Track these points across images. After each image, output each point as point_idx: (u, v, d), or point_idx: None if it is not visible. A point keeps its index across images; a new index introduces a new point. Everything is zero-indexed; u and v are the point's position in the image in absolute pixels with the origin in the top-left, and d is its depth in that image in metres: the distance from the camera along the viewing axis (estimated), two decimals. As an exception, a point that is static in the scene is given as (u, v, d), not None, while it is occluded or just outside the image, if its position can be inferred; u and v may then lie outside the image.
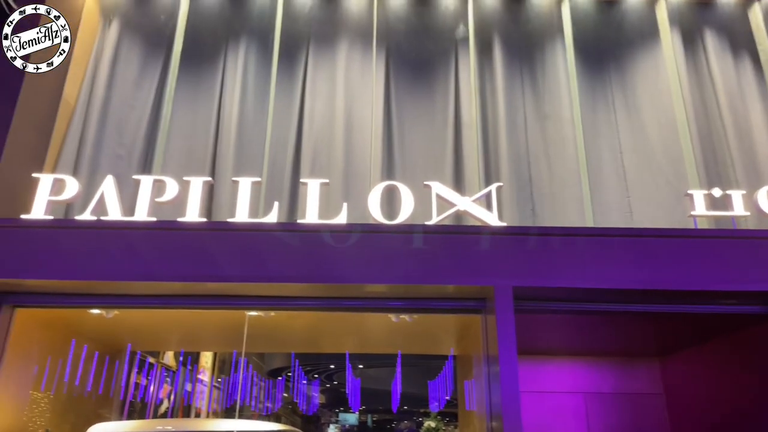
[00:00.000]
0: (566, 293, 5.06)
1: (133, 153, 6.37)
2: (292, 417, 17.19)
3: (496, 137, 6.52)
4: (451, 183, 6.18)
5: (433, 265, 4.90)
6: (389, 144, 6.50)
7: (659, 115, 6.61)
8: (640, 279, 4.86)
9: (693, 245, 4.99)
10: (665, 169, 6.35)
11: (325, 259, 4.89)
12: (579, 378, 7.54)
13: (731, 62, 6.85)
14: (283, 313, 5.57)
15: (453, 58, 6.95)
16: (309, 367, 14.01)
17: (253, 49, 6.89)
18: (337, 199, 5.81)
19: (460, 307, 5.31)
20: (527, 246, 5.01)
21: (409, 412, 18.50)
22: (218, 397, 10.97)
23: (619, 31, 7.10)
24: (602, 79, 6.93)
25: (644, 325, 6.26)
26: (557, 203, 6.27)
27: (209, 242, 4.94)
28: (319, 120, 6.52)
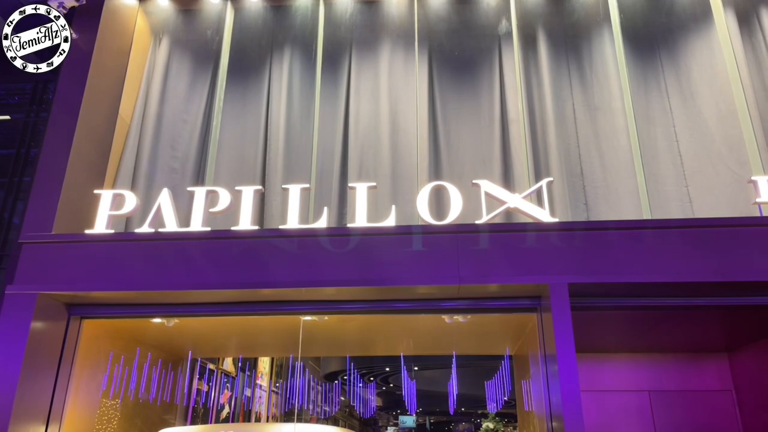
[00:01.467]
0: (624, 289, 4.90)
1: (186, 165, 6.57)
2: (349, 420, 17.31)
3: (545, 132, 6.39)
4: (499, 180, 6.09)
5: (485, 264, 4.84)
6: (435, 144, 6.47)
7: (716, 99, 6.32)
8: (702, 271, 4.66)
9: (759, 234, 4.75)
10: (725, 155, 6.07)
11: (376, 262, 4.91)
12: (642, 375, 7.28)
13: (792, 40, 6.49)
14: (336, 316, 5.61)
15: (496, 55, 6.86)
16: (364, 371, 14.07)
17: (297, 58, 7.00)
18: (386, 202, 5.82)
19: (515, 306, 5.23)
20: (581, 241, 4.88)
21: (466, 413, 18.34)
22: (277, 401, 11.16)
23: (669, 15, 6.84)
24: (654, 66, 6.69)
25: (710, 318, 6.00)
26: (611, 196, 6.09)
27: (262, 249, 5.04)
28: (365, 123, 6.56)
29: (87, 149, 5.88)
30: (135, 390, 6.34)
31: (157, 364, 6.87)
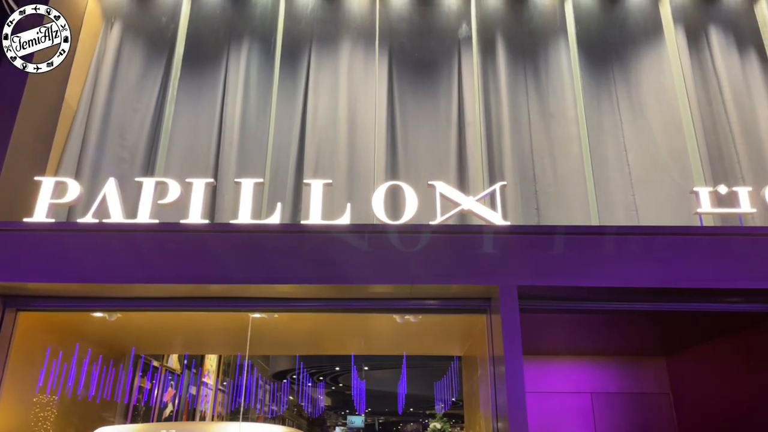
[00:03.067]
0: (571, 292, 5.02)
1: (135, 155, 6.36)
2: (297, 420, 17.16)
3: (500, 136, 6.48)
4: (455, 182, 6.15)
5: (438, 265, 4.87)
6: (393, 144, 6.48)
7: (664, 112, 6.56)
8: (646, 277, 4.82)
9: (699, 243, 4.94)
10: (670, 166, 6.30)
11: (329, 260, 4.86)
12: (585, 378, 7.49)
13: (737, 58, 6.80)
14: (287, 314, 5.54)
15: (456, 58, 6.92)
16: (314, 370, 13.98)
17: (255, 50, 6.88)
18: (341, 200, 5.78)
19: (465, 307, 5.28)
20: (532, 245, 4.97)
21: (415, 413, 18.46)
22: (223, 400, 10.95)
23: (622, 28, 7.06)
24: (606, 78, 6.88)
25: (651, 323, 6.21)
26: (562, 202, 6.23)
27: (212, 244, 4.92)
28: (322, 120, 6.51)
29: (29, 135, 5.61)
30: (73, 387, 6.10)
31: (98, 360, 6.62)
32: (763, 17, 6.95)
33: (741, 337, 6.04)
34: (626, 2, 7.14)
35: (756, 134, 6.43)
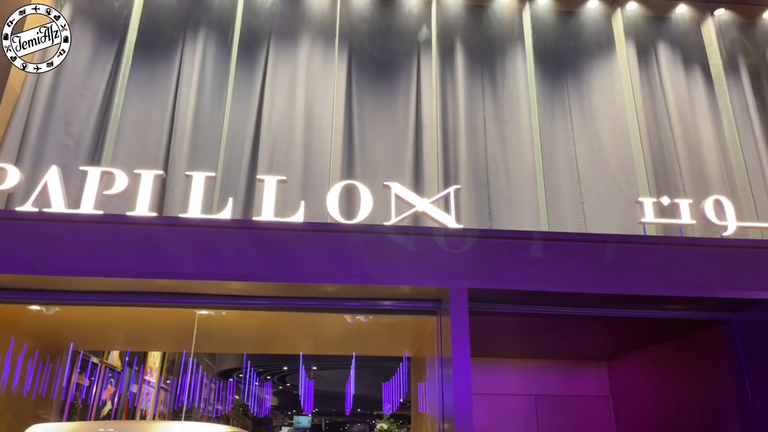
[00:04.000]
0: (521, 296, 5.11)
1: (81, 143, 6.12)
2: (243, 419, 16.87)
3: (456, 140, 6.55)
4: (410, 184, 6.17)
5: (391, 265, 4.87)
6: (350, 143, 6.45)
7: (613, 124, 6.77)
8: (592, 283, 4.95)
9: (642, 251, 5.12)
10: (617, 177, 6.51)
11: (282, 258, 4.80)
12: (531, 380, 7.64)
13: (683, 75, 7.09)
14: (236, 312, 5.43)
15: (415, 60, 6.96)
16: (261, 369, 13.78)
17: (212, 42, 6.73)
18: (295, 198, 5.72)
19: (416, 308, 5.30)
20: (483, 248, 5.04)
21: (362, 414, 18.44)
22: (165, 399, 10.65)
23: (577, 40, 7.25)
24: (560, 88, 7.06)
25: (594, 328, 6.39)
26: (514, 207, 6.34)
27: (160, 238, 4.77)
28: (279, 117, 6.42)
29: (-34, 116, 5.33)
30: (8, 382, 5.81)
31: (34, 356, 6.33)
32: (710, 37, 7.27)
33: (678, 343, 6.29)
34: (581, 15, 7.34)
35: (698, 150, 6.72)
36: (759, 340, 5.09)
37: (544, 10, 7.31)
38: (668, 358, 6.49)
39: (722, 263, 5.12)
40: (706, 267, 5.09)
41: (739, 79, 7.17)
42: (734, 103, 7.02)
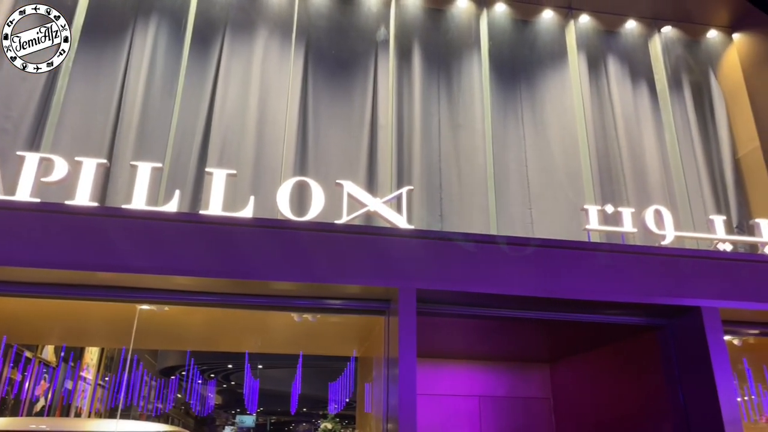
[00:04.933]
0: (468, 298, 5.17)
1: (20, 127, 5.83)
2: (184, 418, 16.44)
3: (411, 142, 6.58)
4: (363, 183, 6.16)
5: (341, 264, 4.84)
6: (303, 139, 6.39)
7: (563, 133, 6.95)
8: (537, 287, 5.06)
9: (586, 257, 5.27)
10: (565, 184, 6.69)
11: (230, 253, 4.70)
12: (475, 381, 7.74)
13: (630, 88, 7.34)
14: (179, 308, 5.28)
15: (373, 60, 6.95)
16: (205, 367, 13.45)
17: (164, 29, 6.54)
18: (245, 192, 5.62)
19: (365, 308, 5.28)
20: (433, 250, 5.07)
21: (308, 414, 18.27)
22: (102, 396, 10.28)
23: (532, 49, 7.41)
24: (514, 95, 7.19)
25: (538, 331, 6.53)
26: (464, 210, 6.42)
27: (101, 229, 4.59)
28: (231, 109, 6.30)
29: None
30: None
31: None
32: (656, 53, 7.55)
33: (617, 347, 6.50)
34: (537, 25, 7.51)
35: (641, 161, 6.97)
36: (690, 346, 5.31)
37: (501, 17, 7.43)
38: (607, 361, 6.70)
39: (660, 271, 5.32)
40: (644, 274, 5.28)
41: (682, 95, 7.48)
42: (676, 117, 7.32)
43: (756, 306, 5.32)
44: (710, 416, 4.97)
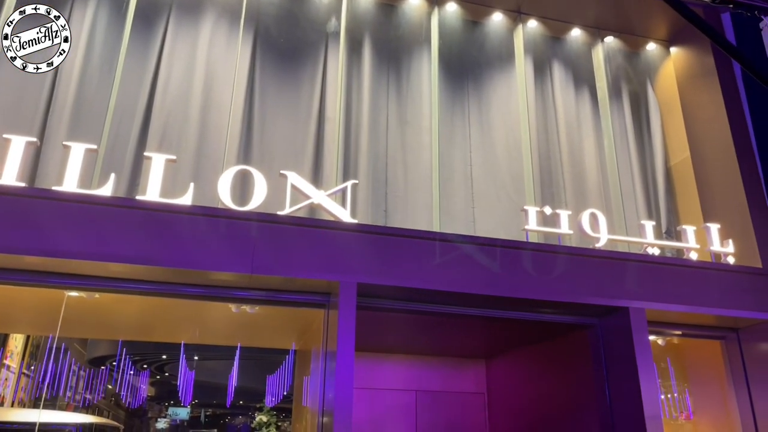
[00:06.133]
0: (408, 293, 5.22)
1: (-59, 101, 5.46)
2: (115, 410, 15.92)
3: (358, 136, 6.56)
4: (308, 175, 6.10)
5: (282, 256, 4.79)
6: (248, 128, 6.26)
7: (507, 134, 7.09)
8: (475, 284, 5.16)
9: (523, 257, 5.41)
10: (507, 184, 6.83)
11: (167, 241, 4.57)
12: (413, 376, 7.84)
13: (573, 94, 7.56)
14: (111, 295, 5.10)
15: (322, 51, 6.88)
16: (138, 357, 13.05)
17: (105, 4, 6.25)
18: (185, 179, 5.46)
19: (305, 301, 5.26)
20: (376, 245, 5.09)
21: (244, 406, 18.01)
22: (27, 385, 9.82)
23: (480, 50, 7.51)
24: (461, 94, 7.27)
25: (475, 328, 6.67)
26: (409, 207, 6.46)
27: (29, 210, 4.37)
28: (174, 93, 6.10)
29: None
30: None
31: None
32: (599, 61, 7.81)
33: (549, 344, 6.72)
34: (486, 26, 7.62)
35: (581, 166, 7.20)
36: (618, 345, 5.55)
37: (452, 16, 7.50)
38: (540, 358, 6.92)
39: (592, 272, 5.53)
40: (578, 275, 5.48)
41: (621, 103, 7.77)
42: (615, 125, 7.60)
43: (680, 308, 5.61)
44: (633, 412, 5.21)
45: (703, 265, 5.93)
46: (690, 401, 6.59)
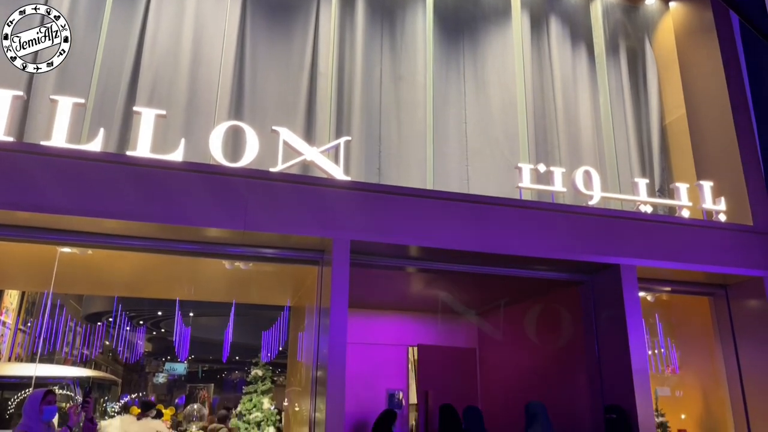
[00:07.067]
0: (401, 250, 5.25)
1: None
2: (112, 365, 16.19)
3: (351, 91, 6.46)
4: (301, 131, 6.03)
5: (274, 213, 4.78)
6: (239, 83, 6.14)
7: (502, 90, 7.00)
8: (469, 242, 5.18)
9: (517, 214, 5.42)
10: (502, 142, 6.78)
11: (159, 198, 4.54)
12: (405, 331, 7.97)
13: (570, 51, 7.44)
14: (104, 252, 5.09)
15: (315, 3, 6.70)
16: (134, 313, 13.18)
17: (90, -46, 6.04)
18: (176, 134, 5.39)
19: (299, 258, 5.28)
20: (369, 202, 5.08)
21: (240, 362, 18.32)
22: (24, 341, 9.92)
23: (476, 4, 7.34)
24: (456, 49, 7.14)
25: (468, 284, 6.74)
26: (402, 164, 6.42)
27: (19, 166, 4.32)
28: (163, 46, 5.95)
29: None
30: None
31: None
32: (596, 16, 7.65)
33: (540, 301, 6.81)
34: (483, -21, 7.42)
35: (576, 123, 7.14)
36: (608, 301, 5.63)
37: (447, -31, 7.29)
38: (531, 313, 7.02)
39: (585, 230, 5.56)
40: (570, 232, 5.51)
41: (618, 60, 7.66)
42: (611, 81, 7.51)
43: (670, 265, 5.68)
44: (621, 366, 5.32)
45: (694, 222, 5.97)
46: (677, 356, 6.74)
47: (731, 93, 6.71)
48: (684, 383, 6.68)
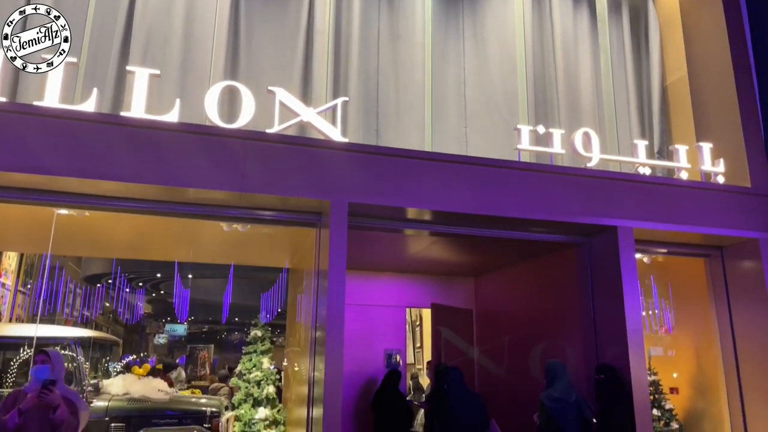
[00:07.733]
0: (399, 213, 5.24)
1: None
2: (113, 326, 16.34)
3: (348, 51, 6.35)
4: (297, 92, 5.94)
5: (272, 175, 4.75)
6: (234, 42, 6.02)
7: (502, 50, 6.89)
8: (467, 204, 5.17)
9: (515, 176, 5.39)
10: (501, 104, 6.71)
11: (155, 159, 4.49)
12: (403, 293, 8.05)
13: (571, 9, 7.28)
14: (101, 213, 5.07)
15: (311, -41, 6.52)
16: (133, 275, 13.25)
17: None
18: (171, 95, 5.31)
19: (297, 220, 5.27)
20: (367, 164, 5.05)
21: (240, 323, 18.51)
22: (23, 302, 9.99)
23: (476, -40, 7.15)
24: (456, 8, 6.99)
25: (465, 246, 6.77)
26: (401, 125, 6.36)
27: (13, 127, 4.26)
28: (156, 4, 5.81)
29: None
30: None
31: None
32: (600, -26, 7.47)
33: (538, 262, 6.85)
34: (484, -66, 7.21)
35: (576, 85, 7.05)
36: (605, 263, 5.66)
37: (447, -77, 7.07)
38: (527, 275, 7.08)
39: (583, 191, 5.55)
40: (568, 194, 5.49)
41: (620, 19, 7.51)
42: (613, 41, 7.39)
43: (667, 227, 5.69)
44: (616, 327, 5.39)
45: (691, 184, 5.96)
46: (671, 317, 6.83)
47: (733, 53, 6.61)
48: (677, 343, 6.78)
